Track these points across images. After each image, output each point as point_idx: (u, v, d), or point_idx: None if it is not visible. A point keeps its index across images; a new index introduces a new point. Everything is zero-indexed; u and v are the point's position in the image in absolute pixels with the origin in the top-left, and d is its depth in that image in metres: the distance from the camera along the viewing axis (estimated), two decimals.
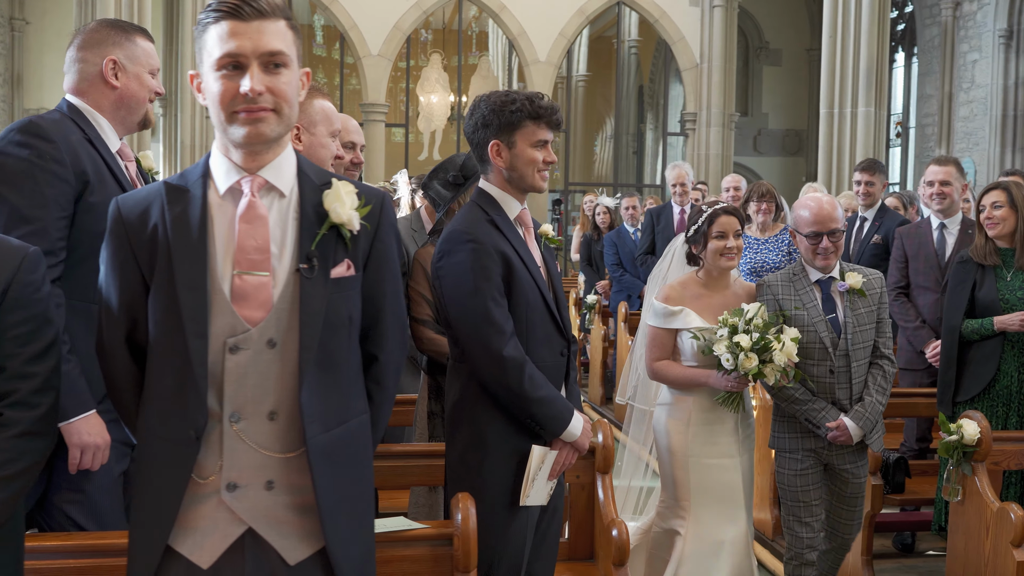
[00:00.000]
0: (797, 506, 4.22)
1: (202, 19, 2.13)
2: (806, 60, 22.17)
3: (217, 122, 2.13)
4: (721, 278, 4.26)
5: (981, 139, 16.76)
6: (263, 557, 2.15)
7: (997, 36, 16.42)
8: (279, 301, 2.14)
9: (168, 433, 2.13)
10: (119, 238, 2.18)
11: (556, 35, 17.28)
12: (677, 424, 4.20)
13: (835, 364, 4.13)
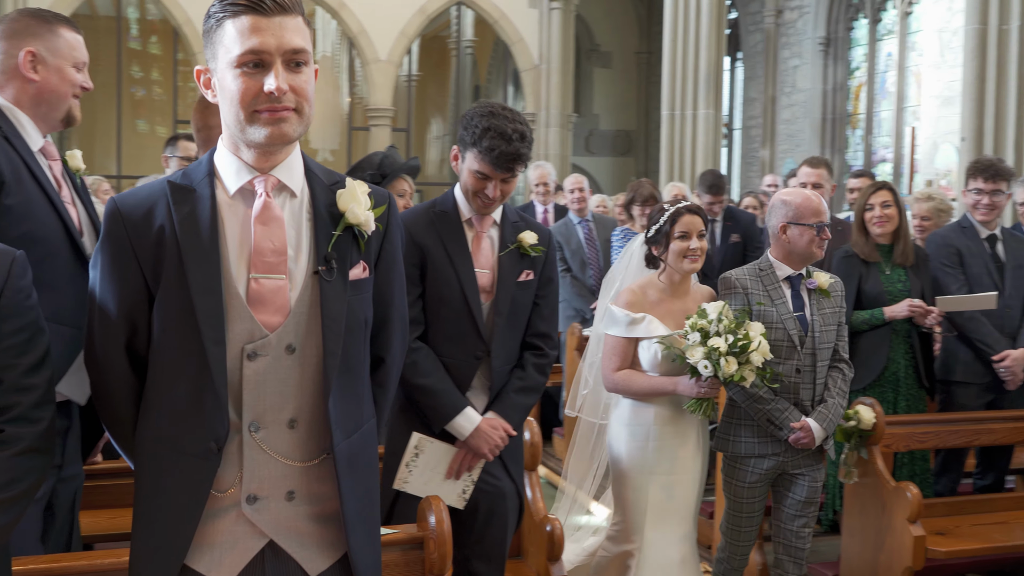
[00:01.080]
0: (739, 517, 4.11)
1: (216, 12, 2.00)
2: (635, 63, 22.84)
3: (234, 121, 2.00)
4: (683, 282, 4.05)
5: (802, 140, 17.64)
6: (283, 570, 2.09)
7: (816, 43, 17.33)
8: (297, 305, 2.05)
9: (183, 445, 2.02)
10: (119, 240, 2.04)
11: (397, 34, 17.20)
12: (636, 441, 4.00)
13: (802, 362, 4.02)
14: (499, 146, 3.15)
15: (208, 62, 2.05)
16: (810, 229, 4.03)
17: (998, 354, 5.08)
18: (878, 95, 16.51)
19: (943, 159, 13.49)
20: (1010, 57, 8.28)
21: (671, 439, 3.99)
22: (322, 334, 2.06)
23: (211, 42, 2.02)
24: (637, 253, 4.28)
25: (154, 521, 2.04)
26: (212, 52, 2.02)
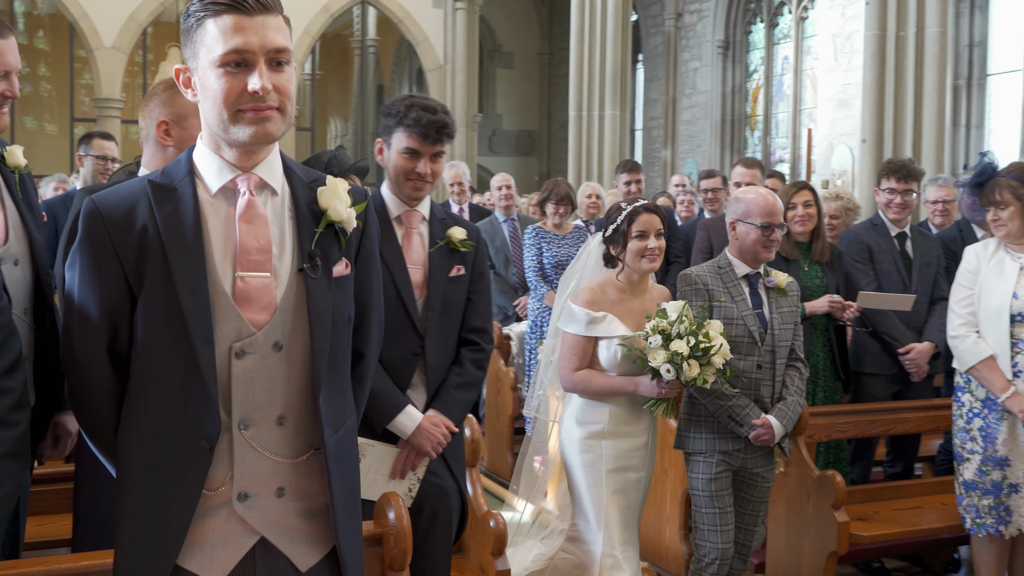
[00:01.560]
0: (712, 513, 4.05)
1: (195, 11, 1.99)
2: (537, 63, 23.07)
3: (216, 120, 2.00)
4: (641, 282, 4.04)
5: (703, 141, 18.06)
6: (274, 566, 2.10)
7: (715, 46, 17.75)
8: (283, 302, 2.06)
9: (173, 445, 2.01)
10: (99, 239, 2.01)
11: (301, 32, 17.07)
12: (590, 440, 3.98)
13: (762, 359, 4.03)
14: (425, 116, 3.20)
15: (188, 61, 2.04)
16: (756, 228, 4.04)
17: (904, 347, 5.32)
18: (775, 97, 16.99)
19: (839, 160, 13.97)
20: (908, 62, 8.63)
21: (624, 437, 3.99)
22: (309, 331, 2.07)
23: (191, 41, 2.02)
24: (595, 252, 4.23)
25: (143, 522, 2.03)
26: (193, 51, 2.02)
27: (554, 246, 7.16)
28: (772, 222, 4.05)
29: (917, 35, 8.61)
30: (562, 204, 7.20)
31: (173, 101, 3.02)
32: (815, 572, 4.58)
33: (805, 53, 16.20)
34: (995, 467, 4.28)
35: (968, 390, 4.39)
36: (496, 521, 3.99)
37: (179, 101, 3.04)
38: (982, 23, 12.64)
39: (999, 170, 4.48)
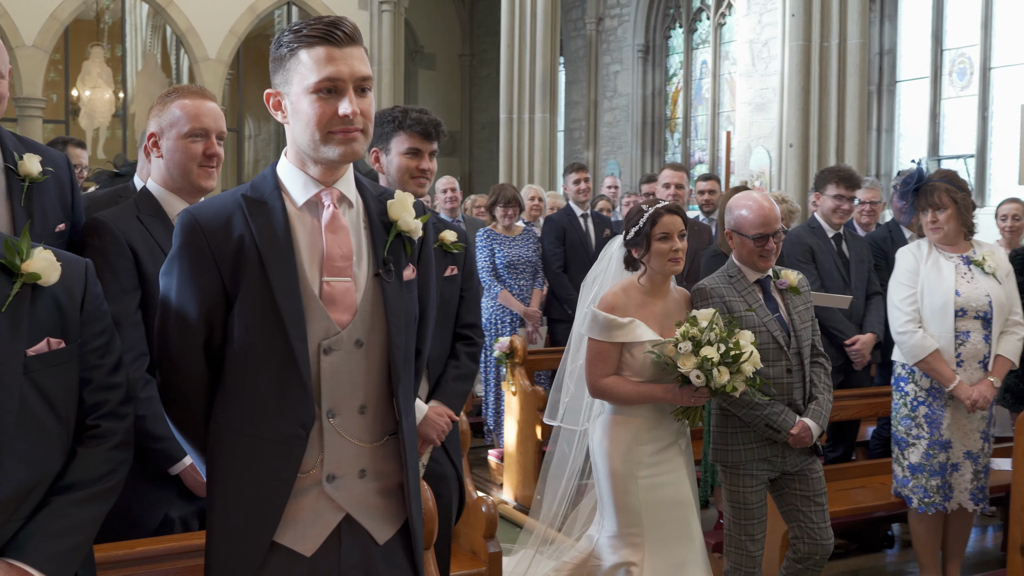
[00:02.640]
0: (751, 523, 4.02)
1: (289, 41, 2.21)
2: (459, 65, 23.31)
3: (308, 140, 2.22)
4: (664, 284, 3.96)
5: (624, 143, 18.50)
6: (357, 540, 2.32)
7: (636, 50, 18.20)
8: (362, 304, 2.29)
9: (270, 433, 2.23)
10: (199, 248, 2.22)
11: (227, 32, 17.04)
12: (619, 446, 3.91)
13: (791, 363, 4.01)
14: (423, 117, 3.47)
15: (279, 86, 2.26)
16: (750, 240, 4.03)
17: (850, 338, 5.75)
18: (694, 100, 17.50)
19: (756, 161, 14.50)
20: (831, 71, 9.14)
21: (656, 443, 3.92)
22: (387, 329, 2.31)
23: (284, 68, 2.23)
24: (616, 255, 4.18)
25: (241, 503, 2.25)
26: (285, 78, 2.24)
27: (505, 247, 7.47)
28: (765, 232, 4.01)
29: (840, 46, 9.12)
30: (510, 207, 7.51)
31: (159, 115, 3.14)
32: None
33: (723, 58, 16.75)
34: (940, 450, 4.70)
35: (912, 380, 4.78)
36: (487, 506, 4.29)
37: (164, 116, 3.15)
38: (891, 32, 13.28)
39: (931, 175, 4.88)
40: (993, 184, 11.84)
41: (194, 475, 3.01)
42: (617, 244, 4.19)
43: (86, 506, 2.17)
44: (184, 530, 3.04)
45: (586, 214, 7.74)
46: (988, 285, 4.69)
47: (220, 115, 3.17)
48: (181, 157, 3.09)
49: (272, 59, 2.28)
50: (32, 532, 2.09)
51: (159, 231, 3.07)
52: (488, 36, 22.73)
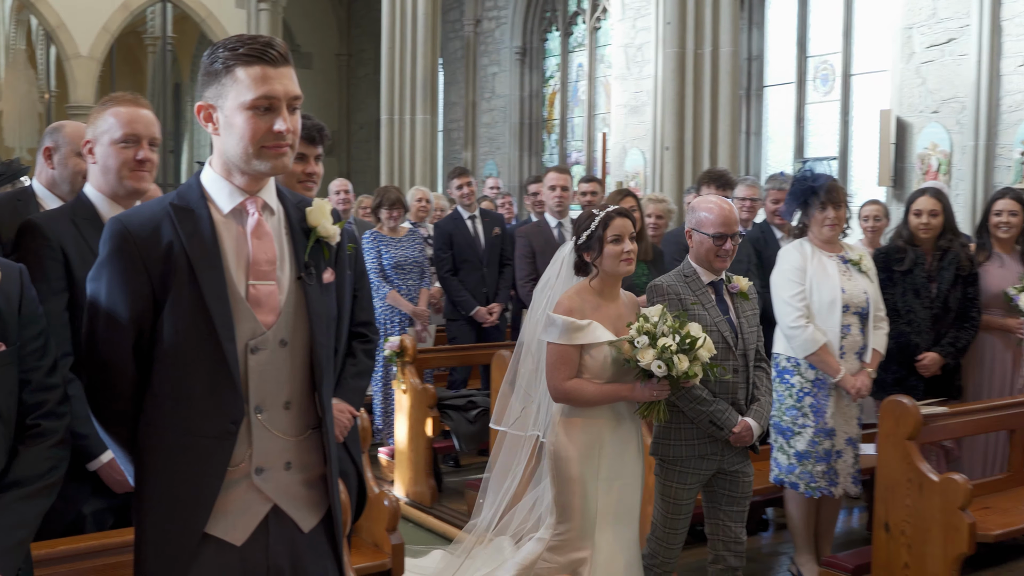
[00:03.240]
0: (677, 519, 4.16)
1: (226, 57, 2.31)
2: (336, 64, 23.23)
3: (241, 153, 2.33)
4: (614, 287, 4.06)
5: (502, 144, 18.73)
6: (283, 529, 2.45)
7: (513, 52, 18.45)
8: (285, 305, 2.42)
9: (203, 429, 2.33)
10: (129, 254, 2.32)
11: (99, 29, 16.66)
12: (585, 449, 3.99)
13: (737, 363, 4.13)
14: (305, 123, 3.37)
15: (212, 100, 2.36)
16: (708, 238, 4.12)
17: None
18: (571, 102, 17.83)
19: (631, 162, 14.92)
20: (704, 77, 9.50)
21: (617, 444, 4.03)
22: (309, 329, 2.45)
23: (219, 83, 2.33)
24: (567, 261, 4.26)
25: (172, 496, 2.35)
26: (218, 92, 2.33)
27: (392, 248, 7.59)
28: (724, 232, 4.11)
29: (712, 53, 9.49)
30: (395, 208, 7.64)
31: (95, 123, 3.22)
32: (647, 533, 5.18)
33: (599, 61, 17.12)
34: (825, 437, 5.01)
35: (797, 372, 5.07)
36: (389, 500, 4.42)
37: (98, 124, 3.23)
38: (759, 39, 13.82)
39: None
40: (855, 185, 12.44)
41: (111, 472, 3.08)
42: (568, 249, 4.26)
43: (30, 502, 2.27)
44: (97, 527, 3.11)
45: (474, 216, 7.91)
46: (864, 283, 5.04)
47: (153, 122, 3.24)
48: (114, 162, 3.17)
49: (205, 73, 2.38)
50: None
51: (92, 235, 3.11)
52: (365, 36, 22.71)
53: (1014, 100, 10.32)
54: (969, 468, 5.66)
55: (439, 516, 6.46)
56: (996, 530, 4.79)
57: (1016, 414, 5.43)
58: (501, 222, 8.12)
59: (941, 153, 10.93)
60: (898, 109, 11.32)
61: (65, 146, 3.59)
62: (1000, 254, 5.87)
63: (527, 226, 7.35)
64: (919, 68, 11.15)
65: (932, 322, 5.56)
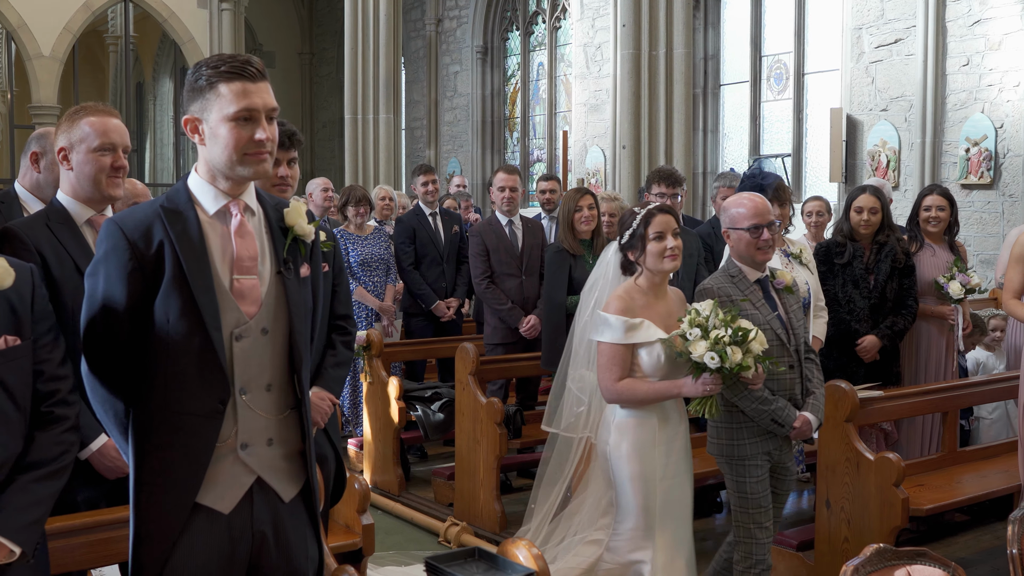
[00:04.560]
0: (759, 512, 4.14)
1: (209, 74, 2.55)
2: (298, 63, 23.35)
3: (225, 161, 2.57)
4: (662, 284, 4.05)
5: (465, 142, 18.96)
6: (266, 499, 2.68)
7: (475, 51, 18.68)
8: (266, 297, 2.66)
9: (193, 408, 2.56)
10: (124, 252, 2.54)
11: (61, 29, 16.70)
12: (643, 448, 3.98)
13: (792, 359, 4.15)
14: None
15: (197, 113, 2.59)
16: (745, 232, 4.12)
17: None
18: (532, 101, 18.10)
19: (592, 160, 15.21)
20: (659, 78, 9.81)
21: (669, 443, 4.04)
22: (289, 319, 2.69)
23: (203, 98, 2.57)
24: (613, 261, 4.28)
25: (167, 470, 2.58)
26: (203, 106, 2.57)
27: (358, 246, 7.81)
28: (759, 223, 4.11)
29: (667, 55, 9.80)
30: (361, 206, 7.84)
31: (68, 131, 3.41)
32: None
33: (559, 60, 17.41)
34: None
35: None
36: (359, 483, 4.65)
37: (73, 132, 3.40)
38: (715, 38, 14.15)
39: None
40: (808, 181, 12.81)
41: (101, 459, 3.29)
42: (613, 250, 4.32)
43: (46, 483, 2.54)
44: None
45: (435, 212, 8.14)
46: (805, 275, 5.32)
47: (125, 131, 3.46)
48: (91, 169, 3.34)
49: (190, 89, 2.61)
50: (2, 507, 2.44)
51: (67, 238, 3.32)
52: (328, 35, 22.85)
53: (959, 99, 10.71)
54: (907, 449, 5.98)
55: (407, 504, 6.71)
56: (928, 505, 5.10)
57: (947, 397, 5.74)
58: (459, 220, 8.37)
59: (890, 150, 11.30)
60: (848, 107, 11.69)
61: (52, 152, 3.73)
62: (931, 245, 6.21)
63: (479, 224, 7.59)
64: (868, 67, 11.53)
65: (871, 311, 5.86)
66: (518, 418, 6.44)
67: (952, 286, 5.95)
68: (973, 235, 10.46)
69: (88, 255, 3.32)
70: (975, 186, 10.63)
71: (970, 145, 10.56)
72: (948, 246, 6.26)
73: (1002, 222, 10.45)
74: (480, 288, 7.05)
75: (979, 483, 5.57)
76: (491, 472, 6.18)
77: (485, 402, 6.17)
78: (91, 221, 3.41)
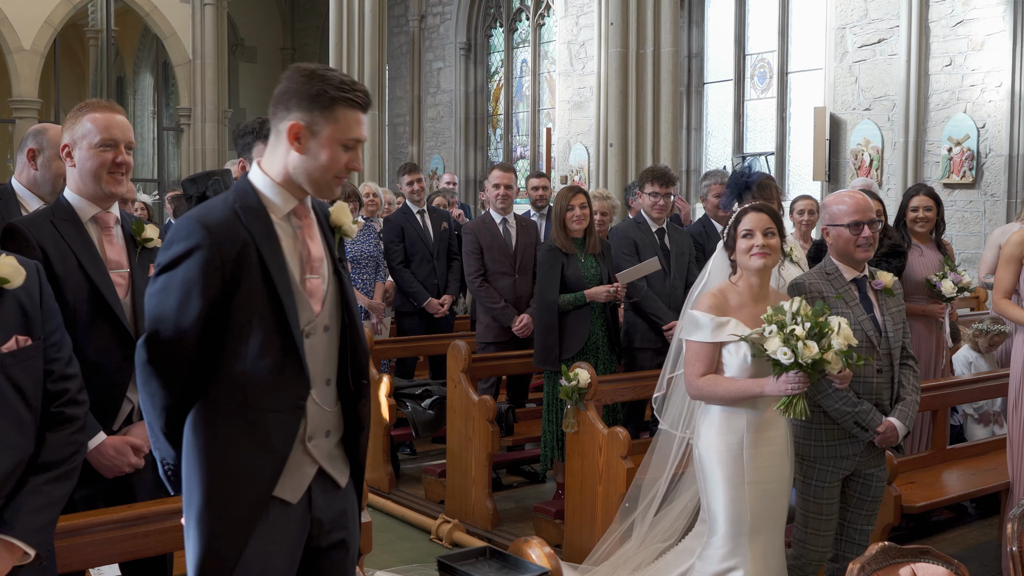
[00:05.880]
0: (819, 518, 4.07)
1: (336, 92, 2.59)
2: (280, 58, 23.25)
3: (319, 175, 2.63)
4: (762, 285, 3.97)
5: (448, 138, 18.95)
6: (325, 485, 2.77)
7: (458, 48, 18.67)
8: (327, 296, 2.76)
9: (274, 405, 2.62)
10: (210, 252, 2.54)
11: (42, 23, 16.58)
12: (731, 451, 3.89)
13: (881, 363, 4.05)
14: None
15: (310, 126, 2.62)
16: (845, 229, 4.09)
17: (667, 324, 6.37)
18: (515, 98, 18.11)
19: (575, 157, 15.23)
20: (647, 76, 9.81)
21: (764, 446, 3.91)
22: (345, 315, 2.79)
23: (320, 108, 2.60)
24: (718, 259, 4.25)
25: (240, 466, 2.61)
26: (316, 118, 2.60)
27: (347, 243, 7.81)
28: (860, 219, 4.07)
29: (654, 52, 9.81)
30: (349, 202, 7.83)
31: (72, 128, 3.38)
32: (608, 511, 5.48)
33: (543, 58, 17.42)
34: None
35: None
36: None
37: (76, 129, 3.38)
38: (699, 37, 14.21)
39: None
40: (791, 180, 12.88)
41: (99, 457, 3.25)
42: (718, 249, 4.27)
43: (58, 484, 2.54)
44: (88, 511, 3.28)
45: (423, 210, 8.15)
46: (796, 272, 5.35)
47: (128, 127, 3.44)
48: (93, 165, 3.32)
49: (302, 94, 2.61)
50: (16, 509, 2.44)
51: (71, 234, 3.30)
52: (310, 30, 22.77)
53: (941, 99, 10.80)
54: None
55: (397, 501, 6.72)
56: (920, 502, 5.16)
57: (937, 396, 5.80)
58: (448, 217, 8.37)
59: (873, 149, 11.39)
60: (832, 106, 11.76)
61: (49, 149, 3.73)
62: (918, 244, 6.26)
63: (473, 222, 7.58)
64: (852, 67, 11.60)
65: None
66: (510, 415, 6.46)
67: (944, 284, 6.01)
68: (955, 234, 10.56)
69: (92, 252, 3.32)
70: (957, 185, 10.72)
71: (952, 145, 10.66)
72: (936, 245, 6.33)
73: (984, 221, 10.55)
74: (473, 286, 7.06)
75: (969, 480, 5.63)
76: (483, 469, 6.20)
77: (477, 399, 6.19)
78: (96, 218, 3.40)
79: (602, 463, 5.52)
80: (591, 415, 5.60)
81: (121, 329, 3.30)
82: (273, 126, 2.68)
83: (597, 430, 5.55)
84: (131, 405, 3.36)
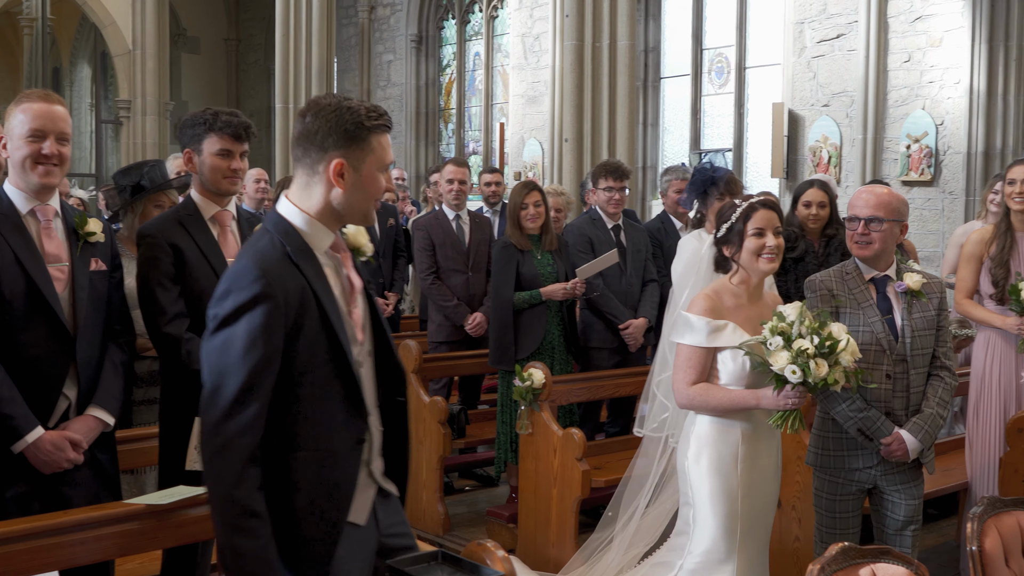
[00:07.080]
0: (832, 533, 3.81)
1: (372, 122, 2.60)
2: (224, 49, 22.74)
3: (362, 207, 2.65)
4: (758, 287, 3.74)
5: (399, 132, 18.59)
6: (383, 504, 2.82)
7: (409, 40, 18.34)
8: (365, 321, 2.79)
9: (341, 441, 2.65)
10: (273, 302, 2.52)
11: None
12: (723, 463, 3.66)
13: (892, 368, 3.77)
14: (232, 120, 3.71)
15: (351, 161, 2.60)
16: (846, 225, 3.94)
17: (623, 323, 6.16)
18: (468, 92, 17.82)
19: (529, 152, 15.00)
20: (603, 70, 9.60)
21: (757, 458, 3.72)
22: (380, 337, 2.83)
23: (356, 144, 2.59)
24: (706, 256, 4.01)
25: (318, 498, 2.61)
26: (354, 154, 2.59)
27: None
28: (855, 214, 3.86)
29: (610, 46, 9.60)
30: None
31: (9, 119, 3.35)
32: (563, 515, 5.27)
33: (496, 51, 17.14)
34: None
35: None
36: None
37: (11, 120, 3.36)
38: (655, 30, 14.01)
39: None
40: (749, 176, 12.74)
41: (37, 452, 3.18)
42: (707, 244, 4.02)
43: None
44: (20, 511, 3.17)
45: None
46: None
47: (61, 117, 3.36)
48: (21, 156, 3.30)
49: (336, 132, 2.57)
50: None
51: (8, 227, 3.28)
52: (255, 20, 22.28)
53: (900, 95, 10.69)
54: None
55: None
56: None
57: None
58: (394, 213, 8.09)
59: (831, 146, 11.27)
60: (790, 102, 11.63)
61: None
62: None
63: (425, 218, 7.35)
64: (810, 62, 11.47)
65: None
66: (462, 417, 6.22)
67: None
68: (913, 232, 10.42)
69: (30, 246, 3.30)
70: (916, 183, 10.62)
71: (911, 142, 10.56)
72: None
73: (942, 219, 10.46)
74: (425, 284, 6.84)
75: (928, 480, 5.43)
76: (434, 473, 6.00)
77: (428, 401, 5.99)
78: (35, 211, 3.36)
79: (557, 465, 5.32)
80: (545, 416, 5.40)
81: (58, 324, 3.27)
82: (306, 165, 2.61)
83: (552, 431, 5.35)
84: (68, 401, 3.33)
